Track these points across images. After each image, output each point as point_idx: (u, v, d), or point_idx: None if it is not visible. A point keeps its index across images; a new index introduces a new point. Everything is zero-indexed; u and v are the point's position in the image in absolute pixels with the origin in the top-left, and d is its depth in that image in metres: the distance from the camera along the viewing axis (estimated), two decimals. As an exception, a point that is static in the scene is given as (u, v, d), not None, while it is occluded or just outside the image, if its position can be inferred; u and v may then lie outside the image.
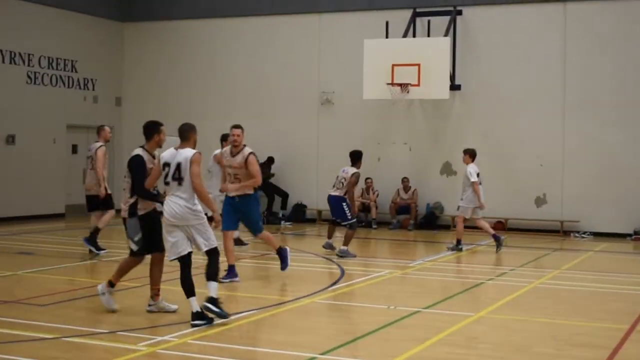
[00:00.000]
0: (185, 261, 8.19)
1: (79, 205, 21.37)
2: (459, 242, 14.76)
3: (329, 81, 21.00)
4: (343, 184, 13.70)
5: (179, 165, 8.07)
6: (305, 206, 20.31)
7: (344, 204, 13.63)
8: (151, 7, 23.38)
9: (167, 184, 8.20)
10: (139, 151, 8.70)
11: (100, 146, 13.33)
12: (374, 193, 19.48)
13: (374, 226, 19.04)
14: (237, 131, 10.93)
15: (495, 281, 12.12)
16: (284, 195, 20.31)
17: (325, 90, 20.93)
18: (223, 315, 8.17)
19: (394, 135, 20.50)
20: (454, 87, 19.33)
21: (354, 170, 13.59)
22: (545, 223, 19.03)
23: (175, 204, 8.15)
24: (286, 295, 10.54)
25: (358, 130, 20.54)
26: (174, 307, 8.82)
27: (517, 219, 19.23)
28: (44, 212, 21.09)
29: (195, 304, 8.04)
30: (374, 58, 18.61)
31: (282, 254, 11.36)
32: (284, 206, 20.34)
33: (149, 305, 8.85)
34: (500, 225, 18.92)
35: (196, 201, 8.36)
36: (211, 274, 8.40)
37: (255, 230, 11.12)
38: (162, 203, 8.39)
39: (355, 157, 13.83)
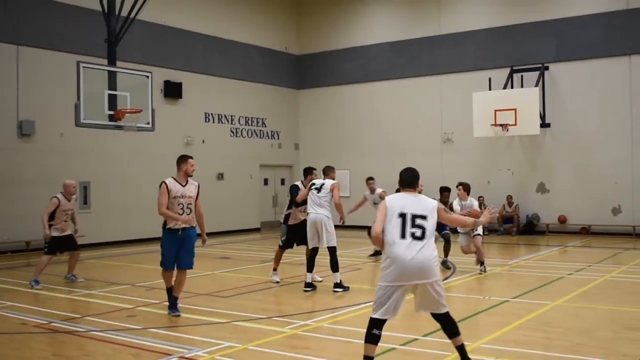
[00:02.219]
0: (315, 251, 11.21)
1: (269, 222, 26.70)
2: (482, 263, 13.39)
3: (449, 124, 23.92)
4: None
5: (321, 187, 11.33)
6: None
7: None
8: (318, 77, 27.36)
9: (313, 201, 11.23)
10: (297, 183, 12.17)
11: (52, 197, 12.53)
12: (485, 208, 22.42)
13: (485, 232, 20.50)
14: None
15: (574, 275, 12.76)
16: None
17: (446, 131, 24.02)
18: (346, 288, 10.82)
19: (499, 163, 23.02)
20: (545, 125, 21.62)
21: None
22: (621, 228, 20.92)
23: (319, 214, 11.10)
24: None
25: (472, 161, 23.27)
26: (320, 278, 11.74)
27: (598, 225, 21.30)
28: (244, 227, 25.10)
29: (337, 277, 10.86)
30: (481, 106, 21.22)
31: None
32: None
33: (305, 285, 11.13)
34: (585, 231, 21.34)
35: (330, 212, 11.14)
36: (333, 265, 10.87)
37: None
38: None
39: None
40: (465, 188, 13.37)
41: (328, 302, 10.11)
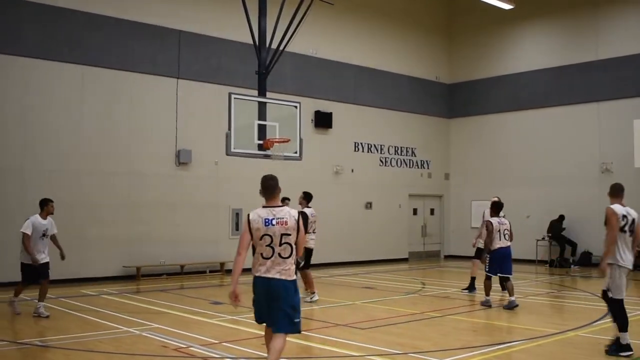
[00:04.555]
0: None
1: (417, 252, 26.42)
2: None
3: (608, 154, 22.91)
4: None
5: None
6: (591, 253, 22.62)
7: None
8: (468, 106, 27.16)
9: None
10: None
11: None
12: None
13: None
14: None
15: None
16: (574, 245, 23.02)
17: (605, 161, 22.96)
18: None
19: None
20: None
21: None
22: None
23: None
24: (554, 327, 10.73)
25: (635, 192, 22.19)
26: None
27: None
28: (392, 257, 24.99)
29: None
30: None
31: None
32: (573, 253, 23.01)
33: None
34: None
35: None
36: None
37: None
38: None
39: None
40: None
41: (467, 341, 9.71)
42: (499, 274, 13.34)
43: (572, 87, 24.15)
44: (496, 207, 13.94)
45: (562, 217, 23.39)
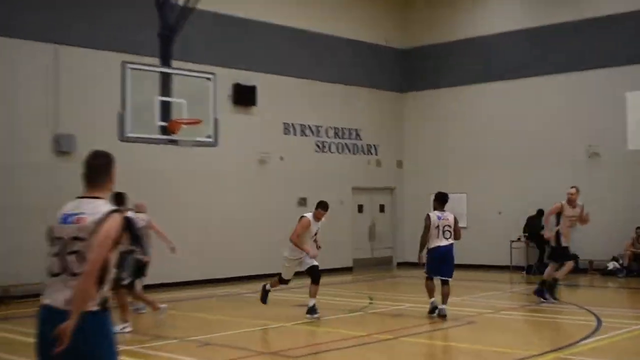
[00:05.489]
0: None
1: (363, 260, 26.51)
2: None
3: (596, 134, 23.42)
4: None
5: None
6: (577, 256, 22.11)
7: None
8: (428, 77, 27.41)
9: None
10: None
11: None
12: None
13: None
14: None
15: None
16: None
17: (592, 143, 23.45)
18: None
19: None
20: None
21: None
22: None
23: None
24: (532, 348, 11.05)
25: (624, 180, 22.94)
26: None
27: None
28: (333, 266, 24.22)
29: None
30: (638, 109, 20.26)
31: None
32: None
33: None
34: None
35: None
36: None
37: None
38: None
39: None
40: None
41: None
42: (439, 277, 14.23)
43: (551, 53, 24.65)
44: (440, 200, 14.86)
45: (541, 212, 23.62)
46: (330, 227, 24.46)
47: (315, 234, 14.71)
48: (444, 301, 14.04)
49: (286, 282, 15.14)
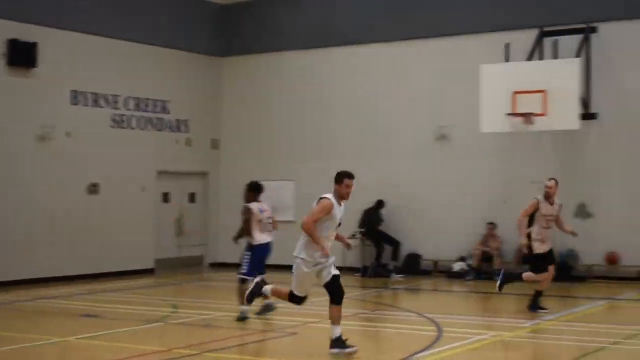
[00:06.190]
0: None
1: (170, 259, 26.26)
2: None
3: (446, 114, 24.01)
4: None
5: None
6: (419, 256, 23.63)
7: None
8: (252, 39, 27.54)
9: None
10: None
11: None
12: (496, 240, 22.59)
13: (496, 278, 20.85)
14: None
15: (624, 346, 12.96)
16: (395, 244, 23.82)
17: (442, 124, 23.98)
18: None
19: (519, 172, 22.83)
20: (589, 116, 21.65)
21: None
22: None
23: None
24: None
25: (478, 168, 23.44)
26: None
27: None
28: (132, 268, 24.70)
29: None
30: (494, 85, 21.07)
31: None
32: (395, 257, 23.81)
33: None
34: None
35: None
36: None
37: None
38: None
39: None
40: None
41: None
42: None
43: (404, 15, 25.01)
44: (255, 189, 15.58)
45: (380, 204, 24.12)
46: (128, 220, 25.10)
47: (339, 225, 12.61)
48: (245, 301, 13.78)
49: (299, 299, 12.46)
